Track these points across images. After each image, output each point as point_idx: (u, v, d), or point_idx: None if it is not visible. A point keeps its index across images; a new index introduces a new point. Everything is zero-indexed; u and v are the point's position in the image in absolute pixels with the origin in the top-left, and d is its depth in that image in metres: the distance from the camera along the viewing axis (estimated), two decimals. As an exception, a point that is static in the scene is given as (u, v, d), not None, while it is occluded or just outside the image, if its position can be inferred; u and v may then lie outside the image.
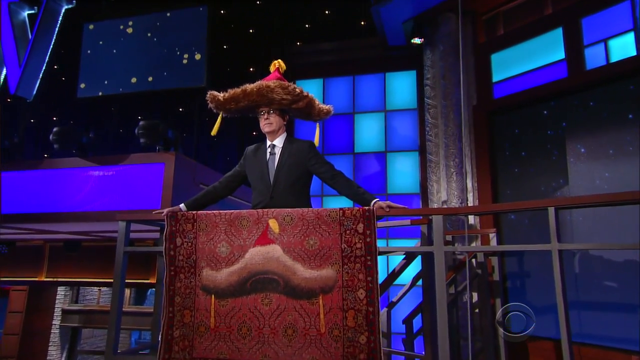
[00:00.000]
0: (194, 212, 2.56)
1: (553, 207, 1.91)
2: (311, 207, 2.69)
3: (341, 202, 6.95)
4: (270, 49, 7.13)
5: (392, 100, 7.27)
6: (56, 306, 9.85)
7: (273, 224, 2.42)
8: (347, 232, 2.35)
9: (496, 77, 5.32)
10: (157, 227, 3.16)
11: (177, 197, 3.43)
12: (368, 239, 2.34)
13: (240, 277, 2.39)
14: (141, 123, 3.64)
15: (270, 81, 2.65)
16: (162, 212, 2.59)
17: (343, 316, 2.27)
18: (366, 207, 2.36)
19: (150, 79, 5.28)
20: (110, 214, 3.68)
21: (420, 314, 4.51)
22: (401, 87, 7.25)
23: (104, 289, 11.15)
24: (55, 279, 7.49)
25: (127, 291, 11.07)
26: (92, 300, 10.82)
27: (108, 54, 5.65)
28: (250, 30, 6.74)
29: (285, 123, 2.77)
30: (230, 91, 2.67)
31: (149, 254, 6.40)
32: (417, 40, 6.02)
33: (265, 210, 2.44)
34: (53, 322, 9.78)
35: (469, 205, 5.35)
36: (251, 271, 2.38)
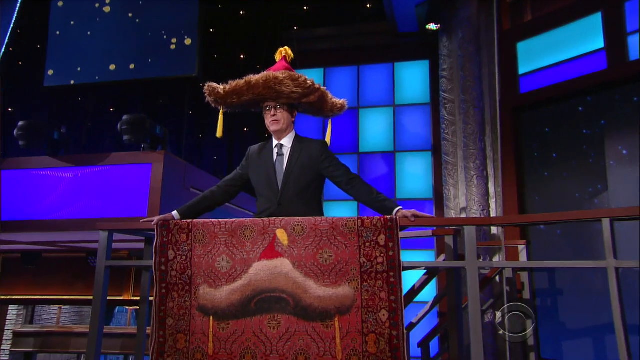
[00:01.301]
0: (189, 220, 2.53)
1: (608, 219, 1.91)
2: (323, 215, 2.68)
3: (344, 208, 6.94)
4: (264, 34, 7.11)
5: (402, 93, 7.30)
6: (6, 328, 9.65)
7: (281, 235, 2.40)
8: (367, 244, 2.33)
9: (523, 69, 5.36)
10: (142, 237, 3.12)
11: (166, 202, 3.40)
12: (391, 253, 2.32)
13: (243, 295, 2.36)
14: (125, 117, 3.59)
15: (278, 72, 2.63)
16: (152, 221, 2.56)
17: (363, 341, 2.25)
18: (388, 216, 2.35)
19: (132, 66, 5.20)
20: (85, 222, 3.63)
21: (437, 337, 4.52)
22: (412, 78, 7.29)
23: (65, 307, 10.97)
24: (9, 297, 7.34)
25: (93, 310, 10.93)
26: (50, 321, 10.64)
27: (81, 37, 5.55)
28: (241, 12, 6.73)
29: (294, 120, 2.75)
30: (232, 83, 2.65)
31: (122, 268, 6.31)
32: (432, 26, 6.06)
33: (272, 219, 2.42)
34: (2, 347, 9.58)
35: (491, 213, 5.37)
36: (256, 289, 2.35)
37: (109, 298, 6.99)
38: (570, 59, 4.92)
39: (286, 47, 2.87)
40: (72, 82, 5.44)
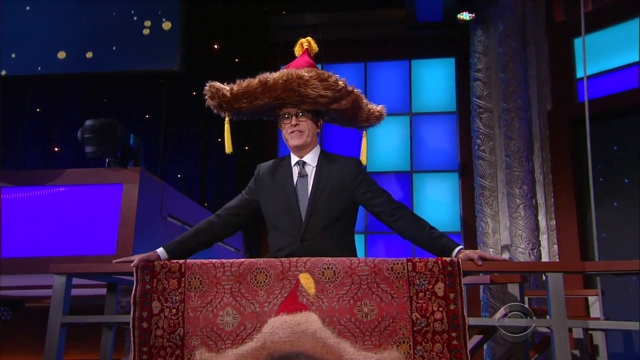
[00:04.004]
0: (181, 261, 2.48)
1: None
2: (357, 255, 2.64)
3: (359, 244, 6.88)
4: (246, 20, 7.12)
5: (420, 98, 7.37)
6: None
7: (306, 281, 2.36)
8: (420, 294, 2.30)
9: (582, 72, 5.44)
10: (103, 282, 3.02)
11: (140, 236, 3.29)
12: (452, 306, 2.30)
13: (255, 362, 2.30)
14: (89, 123, 3.48)
15: (301, 70, 2.61)
16: (132, 261, 2.48)
17: None
18: (448, 259, 2.33)
19: (88, 54, 5.09)
20: (22, 262, 3.47)
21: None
22: (434, 80, 7.37)
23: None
24: None
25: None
26: None
27: (17, 13, 5.47)
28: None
29: (319, 130, 2.76)
30: (242, 83, 2.64)
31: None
32: (465, 16, 6.15)
33: (294, 259, 2.38)
34: None
35: (542, 252, 5.38)
36: (273, 353, 2.29)
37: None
38: (645, 60, 5.04)
39: (309, 38, 2.89)
40: (3, 72, 5.32)
